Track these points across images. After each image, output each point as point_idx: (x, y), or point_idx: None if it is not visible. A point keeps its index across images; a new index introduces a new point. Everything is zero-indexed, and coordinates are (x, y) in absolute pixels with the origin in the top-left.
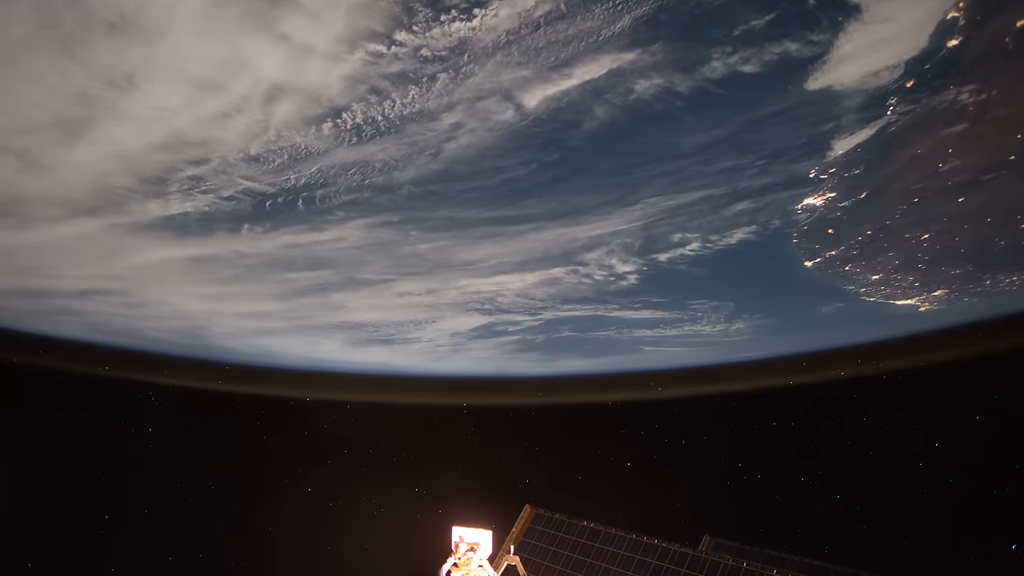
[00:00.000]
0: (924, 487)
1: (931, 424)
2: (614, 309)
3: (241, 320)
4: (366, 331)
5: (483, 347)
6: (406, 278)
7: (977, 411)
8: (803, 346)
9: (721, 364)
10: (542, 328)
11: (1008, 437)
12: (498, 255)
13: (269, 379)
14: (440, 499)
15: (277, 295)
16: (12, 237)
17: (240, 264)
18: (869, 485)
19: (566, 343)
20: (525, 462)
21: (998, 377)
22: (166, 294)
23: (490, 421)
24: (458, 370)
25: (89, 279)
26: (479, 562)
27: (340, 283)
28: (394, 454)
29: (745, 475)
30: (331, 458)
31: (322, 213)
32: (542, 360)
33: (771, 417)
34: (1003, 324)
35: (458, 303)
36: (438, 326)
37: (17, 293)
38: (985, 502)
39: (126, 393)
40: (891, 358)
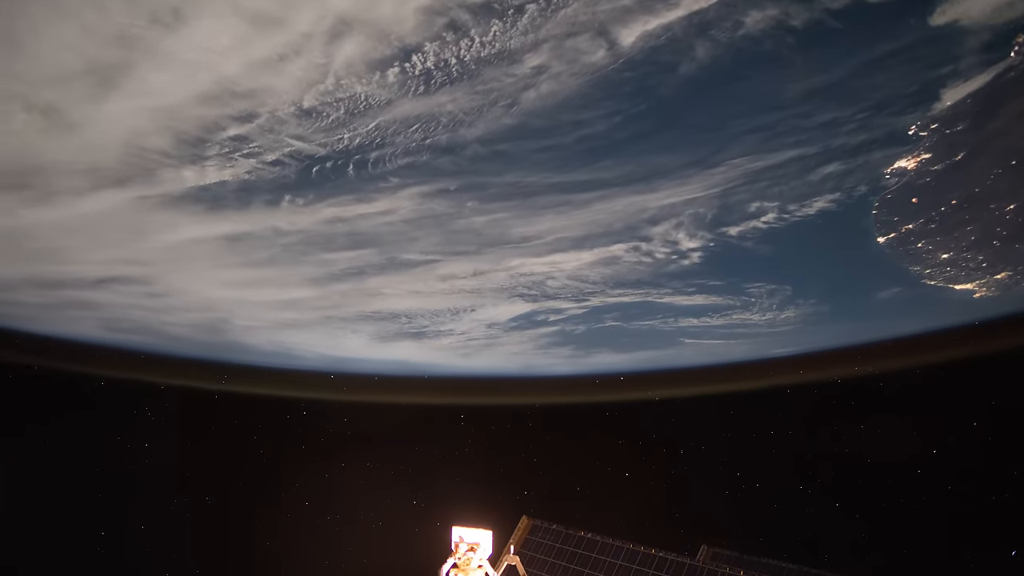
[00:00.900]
0: (925, 491)
1: (949, 426)
2: (665, 294)
3: (267, 310)
4: (398, 322)
5: (517, 340)
6: (453, 258)
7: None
8: (846, 339)
9: (750, 360)
10: (584, 317)
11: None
12: (557, 229)
13: (277, 380)
14: (439, 511)
15: (311, 280)
16: (30, 215)
17: (276, 243)
18: (874, 490)
19: (605, 335)
20: (524, 471)
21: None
22: (192, 281)
23: (492, 424)
24: (479, 368)
25: (110, 264)
26: (479, 562)
27: (380, 265)
28: (393, 464)
29: (744, 483)
30: (327, 468)
31: (373, 180)
32: (574, 355)
33: (775, 420)
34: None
35: (503, 288)
36: (476, 315)
37: (30, 283)
38: (985, 507)
39: (127, 396)
40: (928, 352)
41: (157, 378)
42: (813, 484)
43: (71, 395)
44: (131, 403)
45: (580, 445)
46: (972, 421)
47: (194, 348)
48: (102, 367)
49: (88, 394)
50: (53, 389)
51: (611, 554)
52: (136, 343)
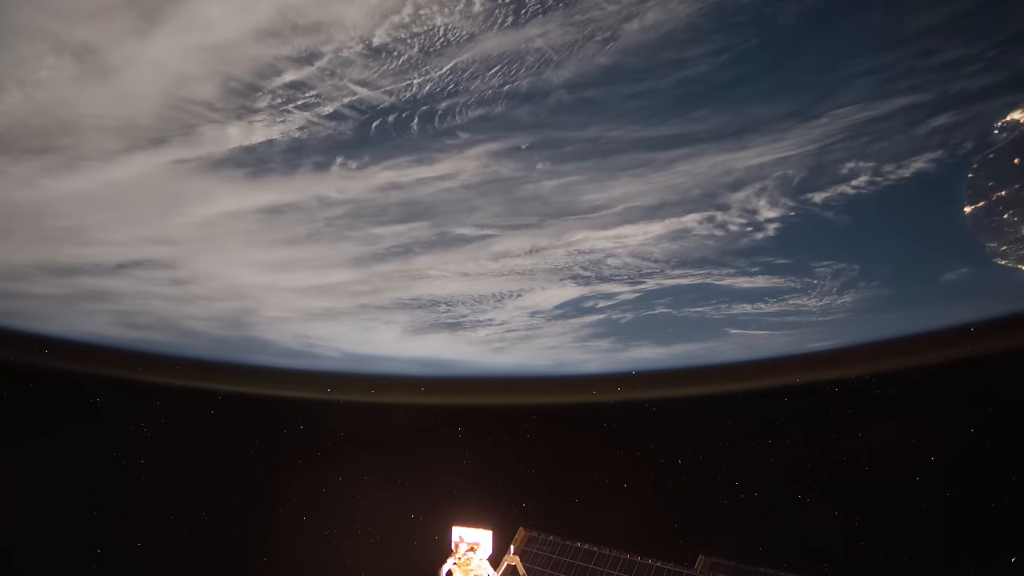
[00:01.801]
0: (922, 496)
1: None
2: (726, 275)
3: (299, 297)
4: (436, 311)
5: (557, 331)
6: (511, 233)
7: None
8: (893, 330)
9: (786, 356)
10: (635, 304)
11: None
12: (631, 196)
13: (287, 382)
14: (438, 522)
15: (352, 261)
16: (52, 186)
17: (320, 216)
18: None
19: (650, 325)
20: (521, 479)
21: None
22: (221, 263)
23: (492, 427)
24: (506, 365)
25: (134, 245)
26: (479, 562)
27: (430, 241)
28: (392, 473)
29: (748, 490)
30: (325, 478)
31: (439, 136)
32: (612, 349)
33: (783, 423)
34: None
35: (558, 268)
36: (522, 302)
37: (45, 271)
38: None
39: (130, 400)
40: (978, 343)
41: (161, 378)
42: (841, 492)
43: (73, 399)
44: (132, 408)
45: (578, 452)
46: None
47: (209, 347)
48: (112, 368)
49: (90, 400)
50: (53, 393)
51: (608, 564)
52: (148, 342)
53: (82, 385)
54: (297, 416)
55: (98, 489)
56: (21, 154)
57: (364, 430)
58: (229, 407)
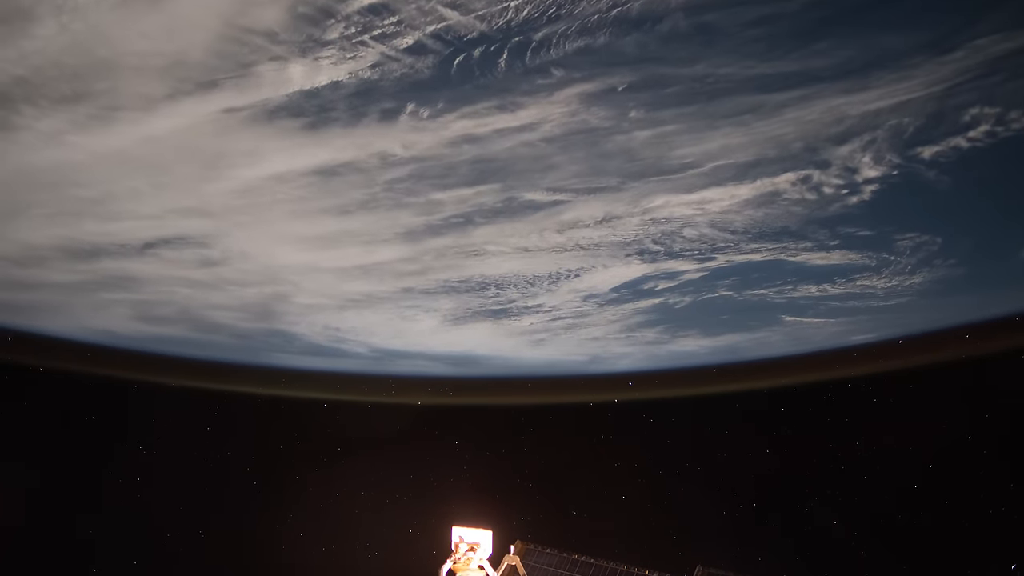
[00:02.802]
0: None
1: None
2: (803, 250)
3: (339, 280)
4: (484, 295)
5: (607, 318)
6: (586, 198)
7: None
8: (947, 320)
9: (827, 350)
10: (697, 285)
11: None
12: (728, 151)
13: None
14: (435, 536)
15: (405, 234)
16: (82, 144)
17: (380, 178)
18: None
19: (705, 310)
20: (520, 491)
21: None
22: (261, 238)
23: (496, 431)
24: (538, 361)
25: (167, 218)
26: (479, 562)
27: (495, 209)
28: (391, 478)
29: (741, 502)
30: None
31: (529, 75)
32: (656, 341)
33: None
34: None
35: (627, 242)
36: (578, 283)
37: (63, 253)
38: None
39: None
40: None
41: (170, 380)
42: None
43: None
44: (130, 412)
45: (578, 458)
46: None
47: (227, 344)
48: (121, 369)
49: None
50: (52, 396)
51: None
52: (162, 339)
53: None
54: (304, 417)
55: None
56: (49, 104)
57: (369, 431)
58: (231, 409)
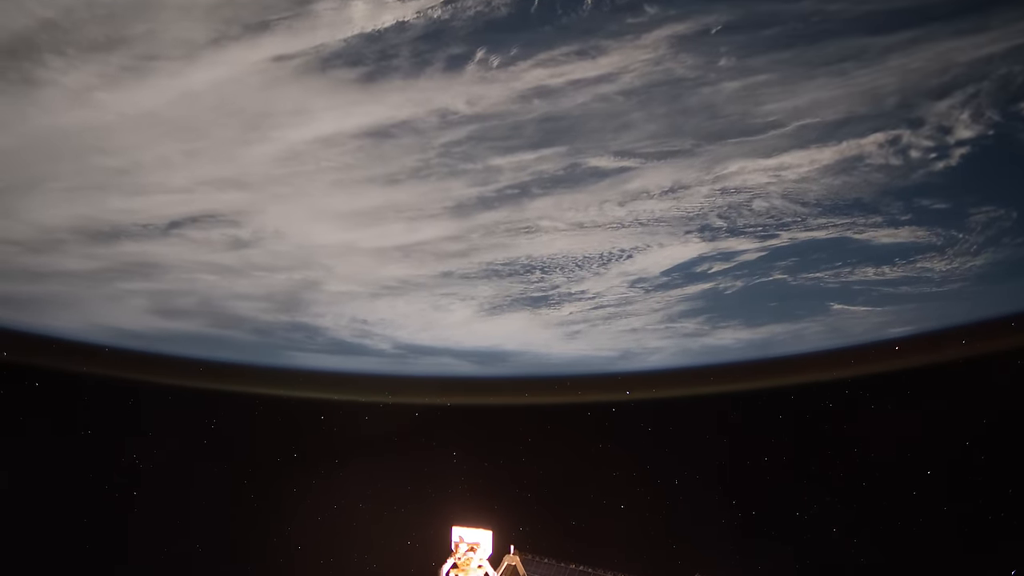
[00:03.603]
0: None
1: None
2: (871, 225)
3: (377, 263)
4: (527, 280)
5: (652, 306)
6: (656, 164)
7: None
8: (991, 311)
9: (848, 347)
10: (753, 268)
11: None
12: (818, 106)
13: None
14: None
15: (455, 208)
16: (110, 104)
17: (436, 141)
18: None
19: (756, 296)
20: (519, 503)
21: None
22: (298, 215)
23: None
24: (566, 357)
25: (198, 191)
26: (479, 562)
27: (556, 177)
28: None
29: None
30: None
31: (618, 14)
32: (696, 332)
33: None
34: None
35: (690, 216)
36: (630, 265)
37: (82, 234)
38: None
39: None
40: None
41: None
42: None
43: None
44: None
45: (578, 465)
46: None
47: (245, 340)
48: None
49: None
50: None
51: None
52: (177, 336)
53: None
54: (304, 419)
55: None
56: (78, 53)
57: (368, 433)
58: (233, 411)
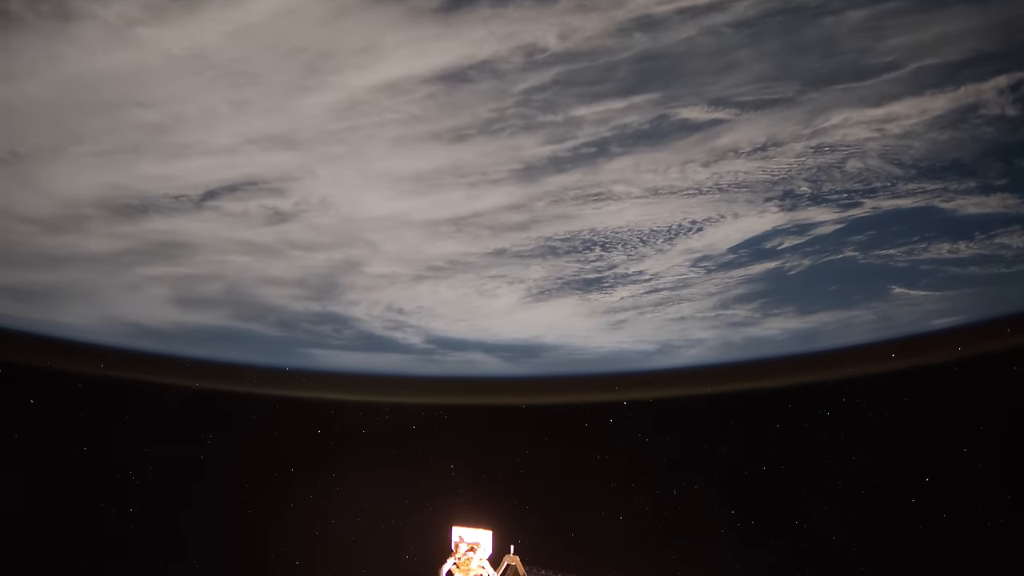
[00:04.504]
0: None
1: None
2: (963, 191)
3: (427, 238)
4: (584, 258)
5: (709, 288)
6: (752, 115)
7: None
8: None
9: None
10: (825, 243)
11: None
12: (945, 41)
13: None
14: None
15: (523, 171)
16: (152, 41)
17: (517, 87)
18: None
19: (819, 277)
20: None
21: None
22: (350, 179)
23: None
24: (600, 353)
25: (241, 151)
26: (479, 562)
27: (641, 132)
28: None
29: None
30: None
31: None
32: (745, 321)
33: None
34: None
35: (775, 180)
36: (697, 240)
37: (108, 208)
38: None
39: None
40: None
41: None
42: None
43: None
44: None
45: (572, 479)
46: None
47: (267, 335)
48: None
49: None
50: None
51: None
52: (199, 330)
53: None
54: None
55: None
56: None
57: (367, 434)
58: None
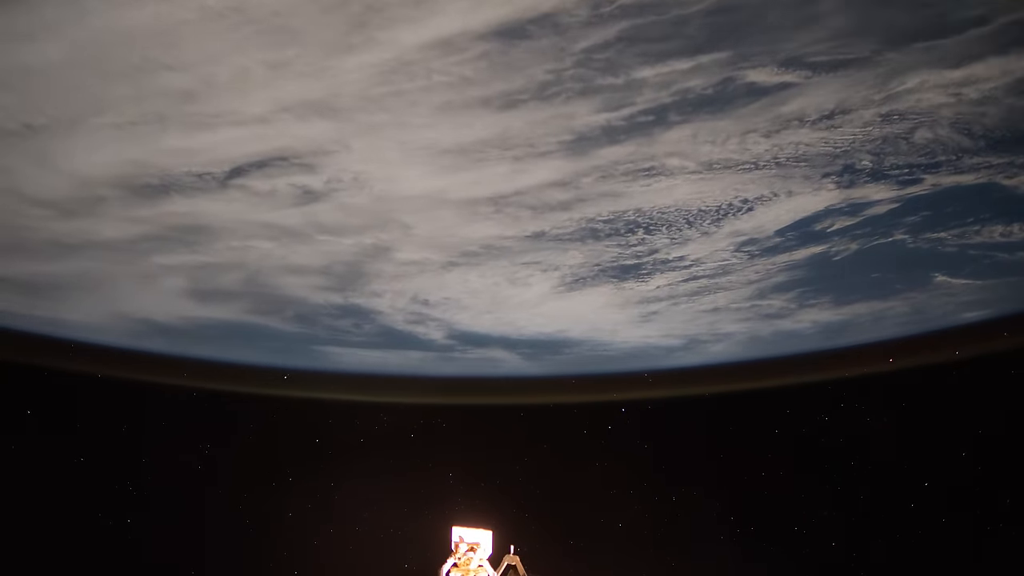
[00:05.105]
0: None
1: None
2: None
3: (462, 220)
4: (625, 242)
5: (749, 276)
6: (826, 76)
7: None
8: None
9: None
10: (878, 223)
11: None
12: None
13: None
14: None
15: (573, 142)
16: (172, 4)
17: (578, 44)
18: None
19: (864, 263)
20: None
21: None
22: (389, 152)
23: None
24: (625, 348)
25: (275, 121)
26: (479, 562)
27: (704, 97)
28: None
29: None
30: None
31: None
32: (779, 313)
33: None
34: None
35: (837, 152)
36: (746, 221)
37: (127, 188)
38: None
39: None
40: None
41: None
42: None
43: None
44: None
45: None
46: None
47: (281, 332)
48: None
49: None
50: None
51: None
52: (211, 325)
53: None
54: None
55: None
56: None
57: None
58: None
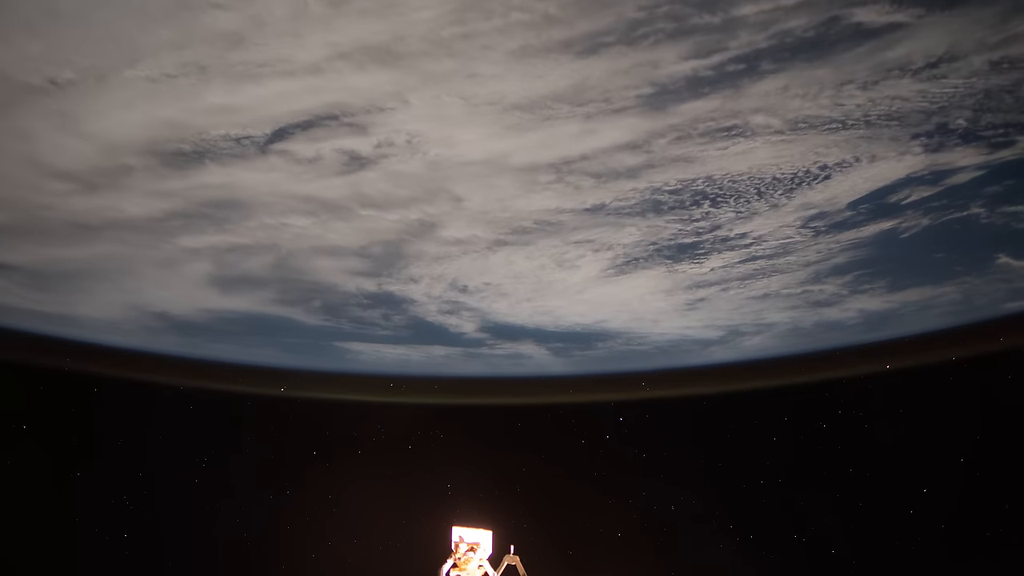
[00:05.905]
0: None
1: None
2: None
3: (520, 191)
4: (688, 217)
5: (810, 256)
6: (940, 16)
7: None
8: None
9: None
10: (956, 194)
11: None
12: None
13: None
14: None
15: (653, 96)
16: None
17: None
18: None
19: (931, 241)
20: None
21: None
22: (450, 108)
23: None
24: (660, 342)
25: (328, 73)
26: (479, 562)
27: (803, 40)
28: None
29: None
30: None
31: None
32: (830, 300)
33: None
34: None
35: (933, 109)
36: (820, 192)
37: (156, 155)
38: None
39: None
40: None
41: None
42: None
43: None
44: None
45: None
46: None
47: (303, 325)
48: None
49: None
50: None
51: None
52: (227, 319)
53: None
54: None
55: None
56: None
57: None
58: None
